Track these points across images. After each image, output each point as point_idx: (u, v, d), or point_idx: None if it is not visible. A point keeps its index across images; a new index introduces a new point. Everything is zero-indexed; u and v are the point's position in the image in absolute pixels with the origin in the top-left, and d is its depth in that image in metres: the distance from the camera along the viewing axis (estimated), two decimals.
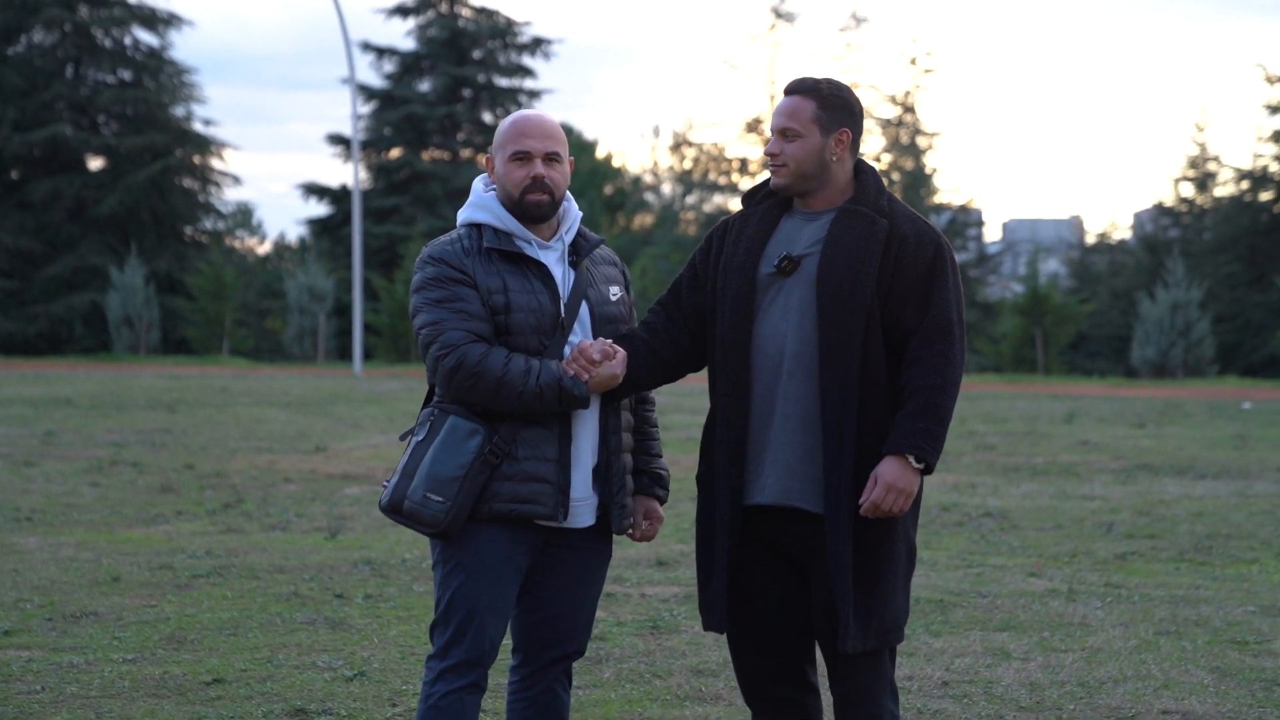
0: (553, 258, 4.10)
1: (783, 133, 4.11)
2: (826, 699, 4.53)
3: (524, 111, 4.14)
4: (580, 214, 4.17)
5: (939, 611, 7.46)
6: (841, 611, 3.98)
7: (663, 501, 4.28)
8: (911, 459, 3.95)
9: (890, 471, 3.94)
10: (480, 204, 4.10)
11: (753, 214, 4.23)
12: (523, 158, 4.05)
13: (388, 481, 4.05)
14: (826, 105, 4.10)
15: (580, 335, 4.07)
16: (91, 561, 8.62)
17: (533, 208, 4.06)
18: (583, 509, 4.08)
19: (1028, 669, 6.30)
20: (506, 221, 4.06)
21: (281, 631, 6.90)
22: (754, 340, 4.09)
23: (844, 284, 3.99)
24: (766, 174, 4.25)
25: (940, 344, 4.00)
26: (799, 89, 4.15)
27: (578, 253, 4.15)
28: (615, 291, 4.18)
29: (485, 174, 4.19)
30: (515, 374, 3.92)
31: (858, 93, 4.25)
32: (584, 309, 4.09)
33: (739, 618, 4.20)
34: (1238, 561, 9.16)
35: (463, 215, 4.12)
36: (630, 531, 4.26)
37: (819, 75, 4.19)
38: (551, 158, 4.08)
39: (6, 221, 43.74)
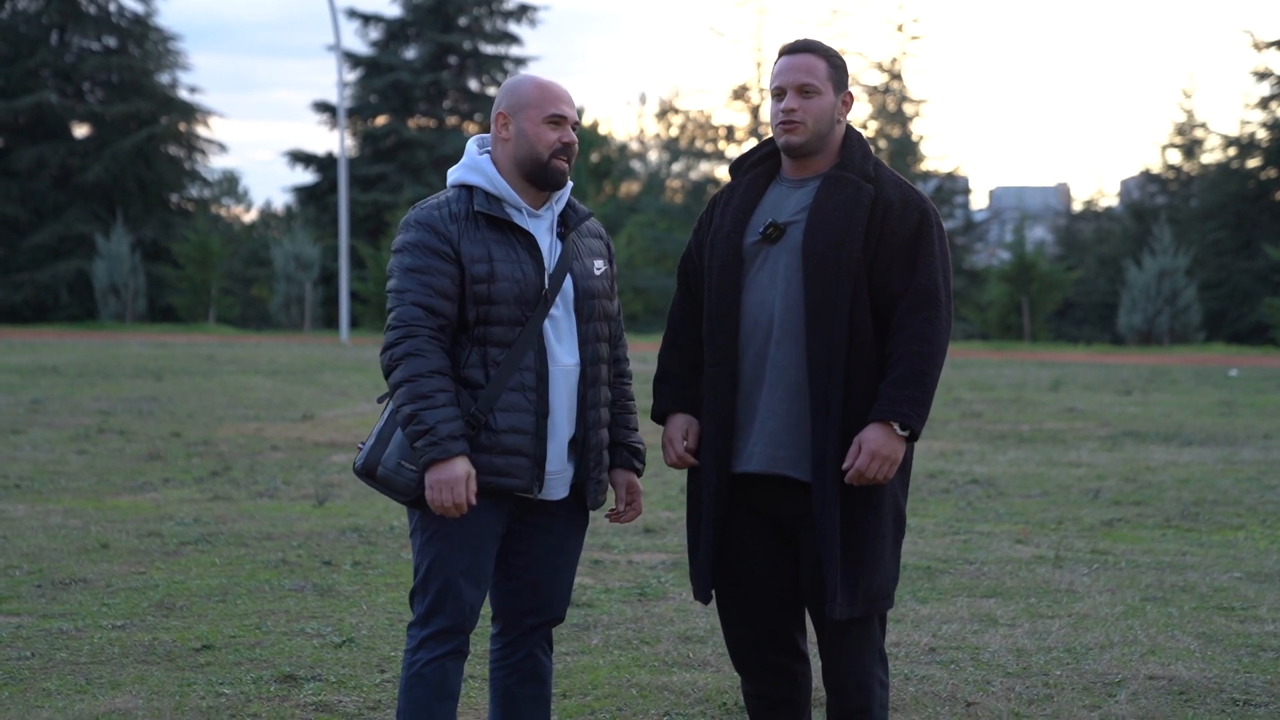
0: (541, 227, 4.08)
1: (802, 89, 4.08)
2: (816, 665, 4.56)
3: (539, 76, 4.10)
4: (571, 184, 4.15)
5: (926, 578, 7.49)
6: (829, 579, 3.98)
7: (640, 474, 4.27)
8: (896, 426, 3.95)
9: (875, 439, 3.94)
10: (473, 166, 4.07)
11: (739, 184, 4.23)
12: (558, 121, 4.03)
13: (363, 444, 4.05)
14: (835, 65, 4.12)
15: (561, 308, 4.05)
16: (80, 529, 8.61)
17: (557, 173, 4.04)
18: (557, 482, 4.07)
19: (1014, 635, 6.33)
20: (499, 186, 4.03)
21: (270, 598, 6.91)
22: (742, 309, 4.09)
23: (829, 250, 3.99)
24: (752, 142, 4.25)
25: (926, 310, 3.99)
26: (808, 48, 4.13)
27: (566, 224, 4.13)
28: (599, 265, 4.16)
29: (480, 135, 4.15)
30: (417, 389, 3.87)
31: (845, 60, 4.25)
32: (568, 281, 4.07)
33: (727, 584, 4.22)
34: (1224, 528, 9.20)
35: (454, 176, 4.09)
36: (611, 513, 4.25)
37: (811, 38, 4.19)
38: (574, 126, 4.08)
39: None
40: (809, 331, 3.99)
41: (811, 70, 4.08)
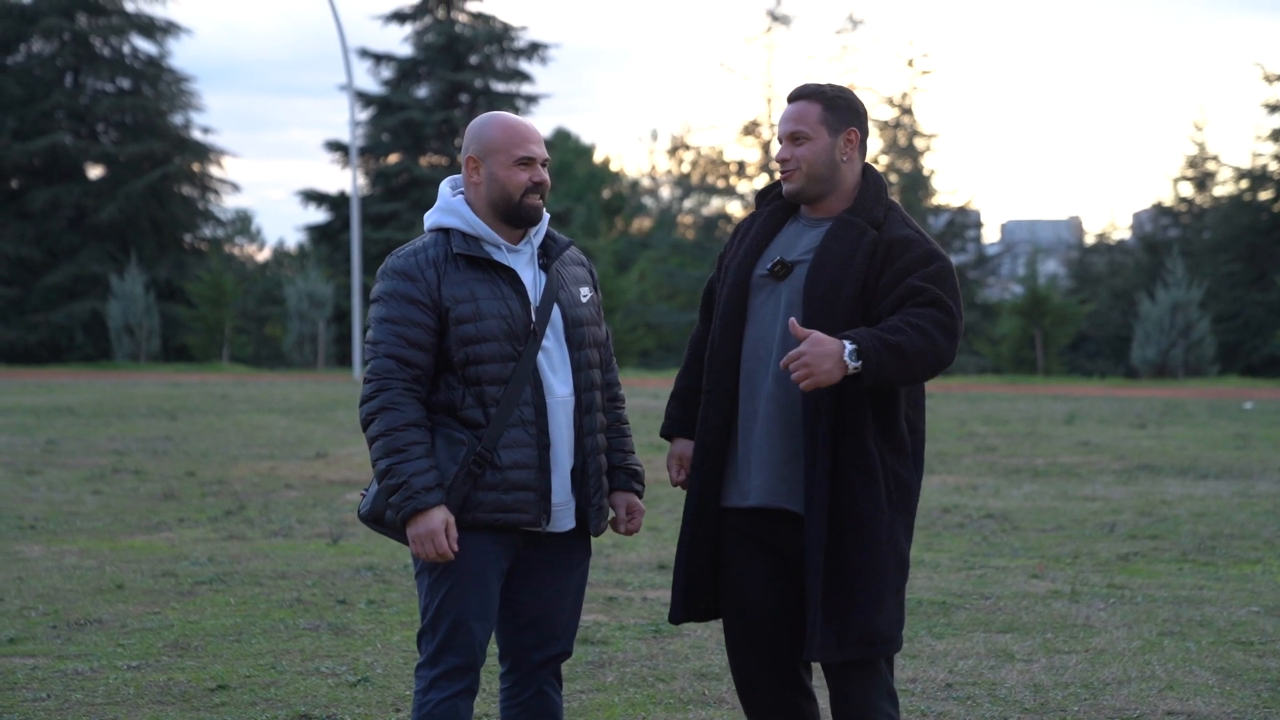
0: (522, 261, 4.10)
1: (792, 138, 4.13)
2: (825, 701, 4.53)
3: (505, 115, 4.11)
4: (548, 216, 4.17)
5: (941, 613, 7.46)
6: (810, 619, 3.97)
7: (640, 495, 4.29)
8: (847, 350, 3.82)
9: (821, 342, 3.82)
10: (448, 208, 4.09)
11: (760, 215, 4.27)
12: (527, 162, 4.06)
13: (366, 490, 4.07)
14: (831, 107, 4.13)
15: (552, 339, 4.07)
16: (95, 569, 8.62)
17: (531, 211, 4.07)
18: (563, 513, 4.09)
19: (1031, 670, 6.31)
20: (475, 226, 4.05)
21: (285, 638, 6.91)
22: (744, 341, 4.13)
23: (828, 292, 4.00)
24: (764, 178, 4.27)
25: (941, 314, 3.93)
26: (803, 94, 4.17)
27: (547, 255, 4.15)
28: (585, 292, 4.19)
29: (453, 177, 4.18)
30: (392, 443, 3.89)
31: (855, 94, 4.26)
32: (555, 312, 4.09)
33: (733, 617, 4.22)
34: (1241, 562, 9.16)
35: (430, 220, 4.12)
36: (613, 525, 4.28)
37: (821, 81, 4.22)
38: (544, 164, 4.10)
39: (7, 230, 43.73)
40: None
41: (801, 117, 4.12)
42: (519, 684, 4.18)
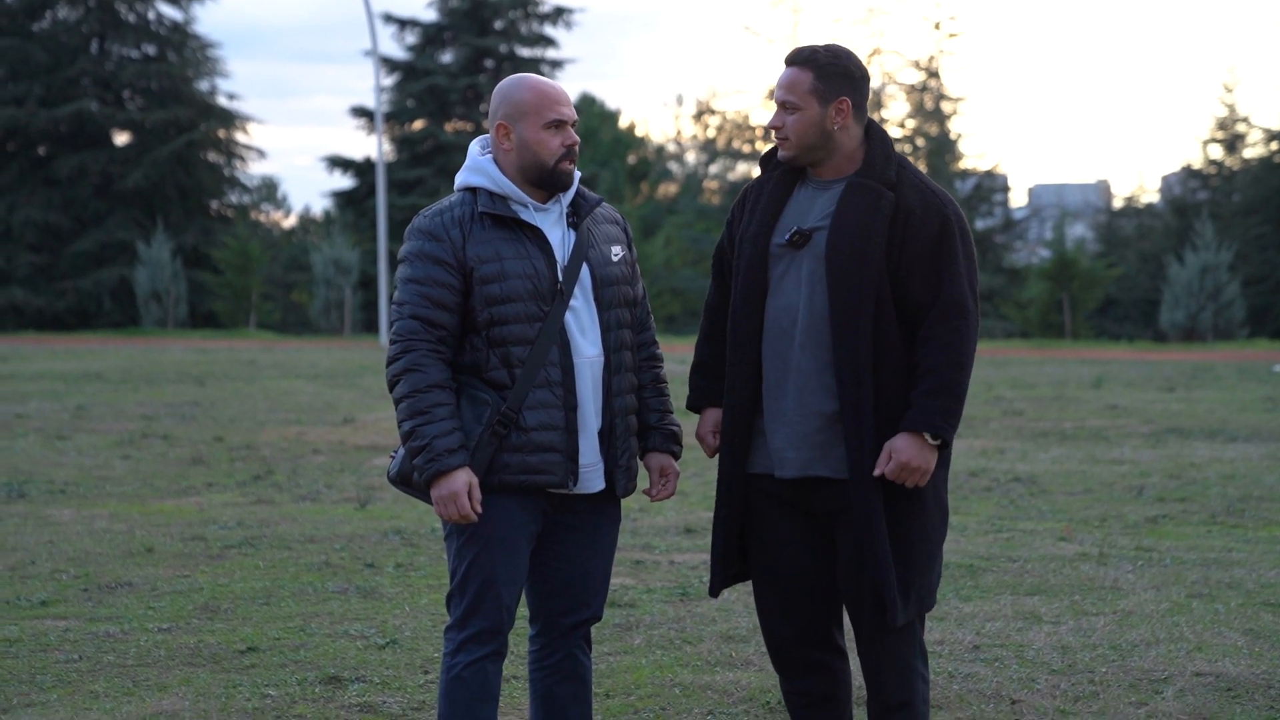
0: (550, 220, 4.06)
1: (782, 105, 4.11)
2: (855, 664, 4.54)
3: (533, 76, 4.07)
4: (580, 174, 4.13)
5: (969, 576, 7.45)
6: (887, 589, 3.98)
7: (677, 457, 4.26)
8: (928, 436, 3.95)
9: (906, 449, 3.94)
10: (476, 168, 4.06)
11: (768, 180, 4.23)
12: (558, 125, 4.02)
13: (395, 452, 4.06)
14: (823, 75, 4.07)
15: (581, 299, 4.03)
16: (125, 533, 8.68)
17: (565, 176, 4.04)
18: (591, 474, 4.06)
19: (1059, 632, 6.30)
20: (503, 185, 4.02)
21: (314, 600, 6.94)
22: (767, 311, 4.11)
23: (852, 259, 3.99)
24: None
25: (955, 320, 3.99)
26: (795, 59, 4.13)
27: (578, 213, 4.11)
28: (617, 251, 4.14)
29: (482, 137, 4.13)
30: (416, 405, 3.89)
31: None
32: (585, 271, 4.05)
33: (765, 580, 4.23)
34: (1270, 524, 9.12)
35: (459, 180, 4.09)
36: (647, 490, 4.26)
37: (819, 43, 4.15)
38: (574, 125, 4.07)
39: (34, 197, 43.89)
40: (835, 339, 4.00)
41: (792, 86, 4.08)
42: (548, 647, 4.19)
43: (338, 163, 46.54)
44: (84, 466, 11.74)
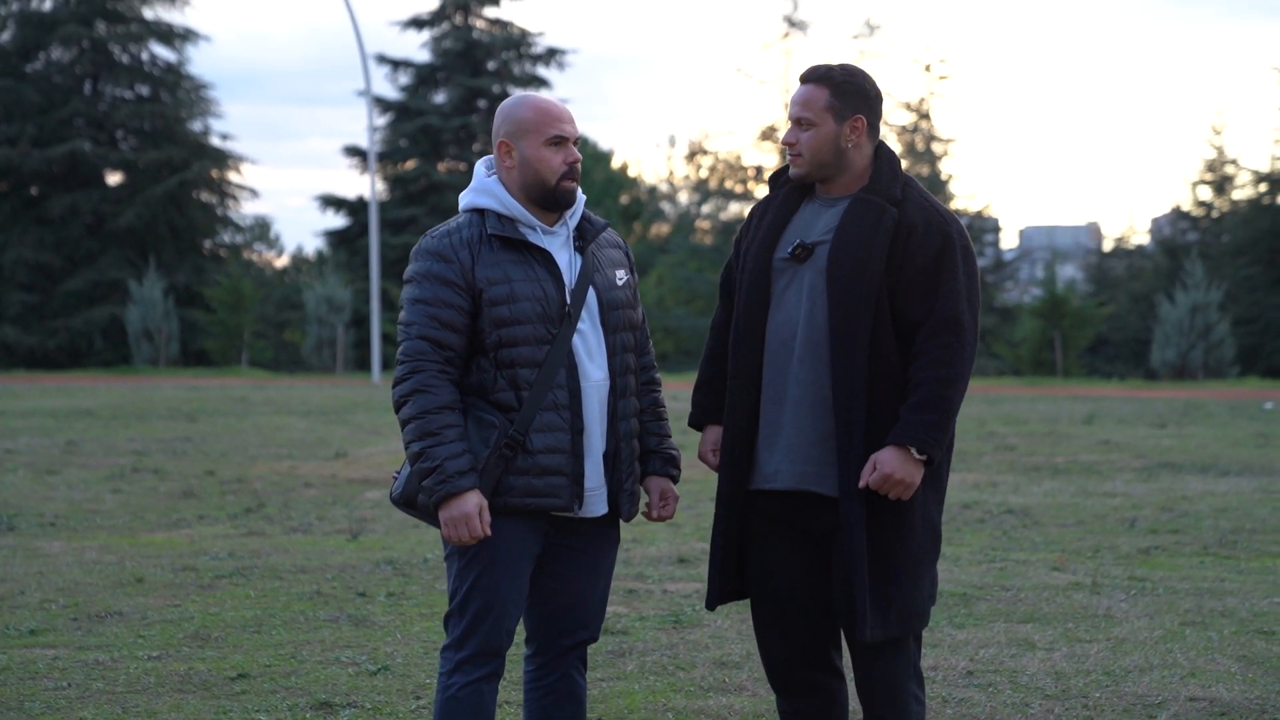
0: (557, 243, 4.06)
1: (798, 122, 4.13)
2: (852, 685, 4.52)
3: (535, 95, 4.07)
4: (584, 198, 4.12)
5: (962, 604, 7.44)
6: (858, 601, 3.97)
7: (676, 481, 4.25)
8: (914, 450, 3.95)
9: (890, 461, 3.94)
10: (483, 189, 4.04)
11: (775, 197, 4.25)
12: (560, 142, 4.01)
13: (398, 473, 4.04)
14: (840, 93, 4.10)
15: (587, 322, 4.02)
16: (115, 564, 8.64)
17: (566, 195, 4.03)
18: (596, 498, 4.05)
19: (1052, 659, 6.28)
20: (511, 207, 4.01)
21: (305, 629, 6.92)
22: (769, 326, 4.12)
23: (852, 273, 4.00)
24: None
25: (947, 336, 3.99)
26: (812, 77, 4.16)
27: (583, 237, 4.11)
28: (621, 275, 4.14)
29: (487, 158, 4.12)
30: (425, 426, 3.86)
31: (867, 77, 4.24)
32: (591, 294, 4.04)
33: (762, 598, 4.22)
34: (1262, 555, 9.12)
35: (465, 200, 4.07)
36: (646, 511, 4.25)
37: (834, 62, 4.19)
38: (576, 143, 4.07)
39: (26, 236, 43.86)
40: (833, 352, 4.00)
41: (808, 103, 4.11)
42: (545, 667, 4.17)
43: (331, 202, 46.60)
44: (74, 500, 11.70)
